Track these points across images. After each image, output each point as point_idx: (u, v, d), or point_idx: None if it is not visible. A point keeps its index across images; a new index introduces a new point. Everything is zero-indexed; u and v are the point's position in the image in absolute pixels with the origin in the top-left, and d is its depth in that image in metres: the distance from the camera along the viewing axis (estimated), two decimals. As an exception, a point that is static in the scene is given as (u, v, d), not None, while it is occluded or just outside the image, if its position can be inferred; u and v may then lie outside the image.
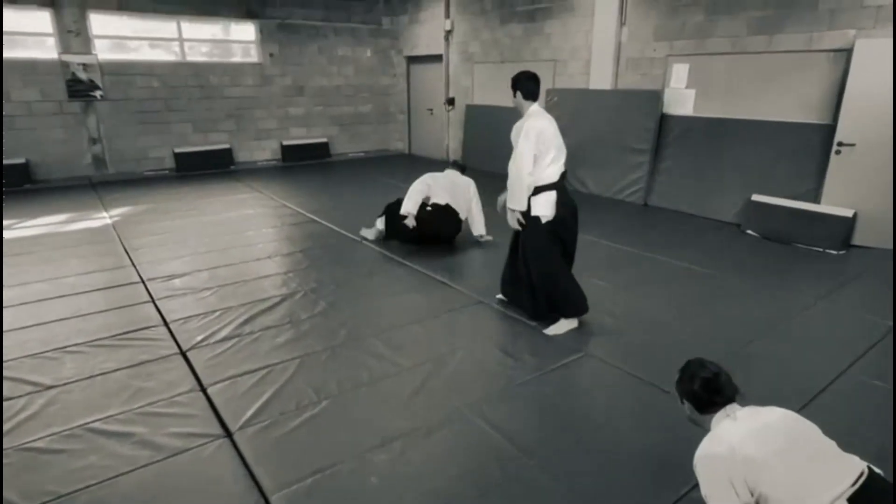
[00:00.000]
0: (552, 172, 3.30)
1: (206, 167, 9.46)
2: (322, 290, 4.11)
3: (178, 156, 9.32)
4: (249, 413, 2.57)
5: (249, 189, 8.00)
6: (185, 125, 9.37)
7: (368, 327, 3.52)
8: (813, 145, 5.45)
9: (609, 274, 4.47)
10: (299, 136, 10.64)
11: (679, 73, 6.53)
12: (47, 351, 3.17)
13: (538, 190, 3.29)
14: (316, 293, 4.06)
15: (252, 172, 9.43)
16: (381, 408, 2.64)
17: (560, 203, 3.31)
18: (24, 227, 5.88)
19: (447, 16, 9.69)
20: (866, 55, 4.87)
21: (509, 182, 3.35)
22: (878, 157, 4.95)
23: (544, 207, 3.30)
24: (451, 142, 10.41)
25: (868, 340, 3.35)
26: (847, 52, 5.12)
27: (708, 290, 4.15)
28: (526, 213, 3.32)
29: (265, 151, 10.34)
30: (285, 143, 10.44)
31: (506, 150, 3.45)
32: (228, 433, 2.44)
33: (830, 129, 5.26)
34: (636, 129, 6.84)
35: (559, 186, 3.32)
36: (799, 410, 2.58)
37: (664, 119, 6.68)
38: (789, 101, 5.64)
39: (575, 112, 7.56)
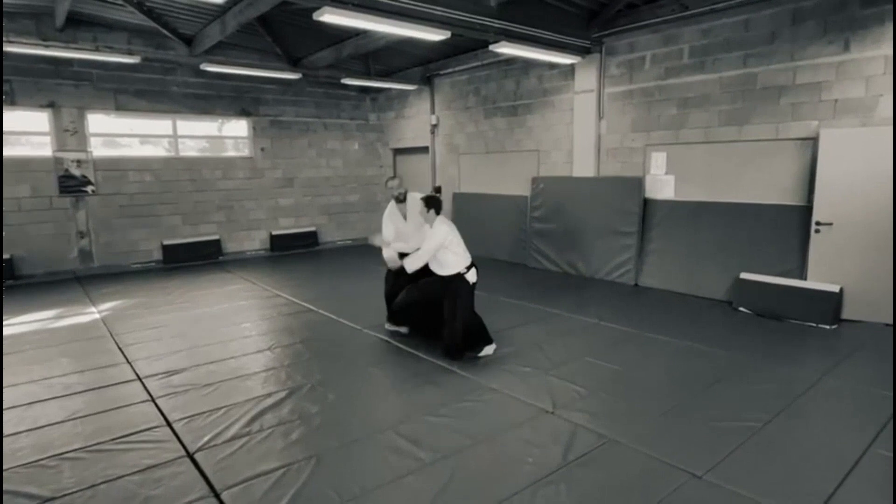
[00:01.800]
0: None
1: (194, 258, 9.43)
2: (329, 383, 4.01)
3: (165, 248, 9.29)
4: (270, 520, 2.42)
5: (240, 280, 7.94)
6: (175, 217, 9.43)
7: (382, 420, 3.41)
8: (793, 225, 5.75)
9: (611, 354, 4.48)
10: (288, 226, 10.77)
11: (657, 160, 6.94)
12: (43, 458, 2.97)
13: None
14: (323, 385, 3.95)
15: (241, 262, 9.42)
16: (409, 508, 2.51)
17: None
18: (8, 325, 5.66)
19: (433, 111, 10.26)
20: (831, 143, 5.29)
21: (418, 255, 4.44)
22: (856, 235, 5.23)
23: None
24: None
25: (882, 414, 3.37)
26: (813, 141, 5.56)
27: (712, 368, 4.18)
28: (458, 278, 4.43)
29: (254, 241, 10.39)
30: (274, 232, 10.53)
31: (492, 234, 3.61)
32: (249, 544, 2.28)
33: (807, 209, 5.59)
34: (621, 213, 7.14)
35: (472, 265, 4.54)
36: (832, 494, 2.56)
37: (647, 203, 7.01)
38: (765, 185, 6.01)
39: (560, 198, 7.89)
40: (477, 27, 6.19)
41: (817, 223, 5.42)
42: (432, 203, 4.43)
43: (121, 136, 9.04)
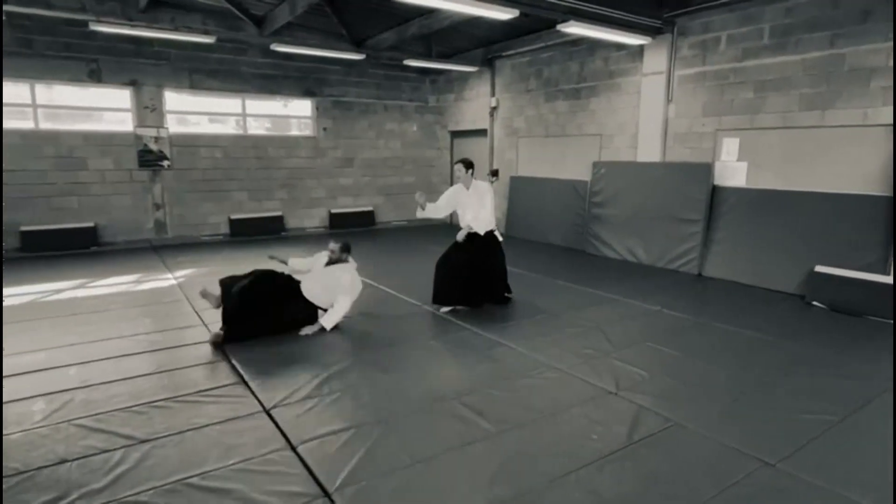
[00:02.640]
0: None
1: (259, 233, 9.82)
2: (392, 353, 4.13)
3: (232, 221, 9.72)
4: (344, 474, 2.53)
5: (303, 254, 8.20)
6: (242, 193, 9.83)
7: (446, 390, 3.49)
8: (877, 216, 5.41)
9: (675, 341, 4.39)
10: (347, 205, 11.03)
11: (729, 146, 6.67)
12: (135, 405, 3.22)
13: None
14: (387, 356, 4.07)
15: (302, 238, 9.74)
16: (476, 474, 2.58)
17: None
18: (96, 287, 6.12)
19: (492, 94, 10.20)
20: (926, 129, 4.93)
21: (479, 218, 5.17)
22: (949, 229, 4.88)
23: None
24: (495, 211, 10.62)
25: (975, 417, 3.17)
26: (905, 127, 5.19)
27: (782, 360, 4.03)
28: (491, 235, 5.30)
29: (314, 219, 10.71)
30: (333, 210, 10.82)
31: (548, 218, 3.59)
32: (326, 493, 2.40)
33: (894, 200, 5.24)
34: (687, 200, 6.92)
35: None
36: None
37: (715, 191, 6.76)
38: (847, 173, 5.67)
39: (623, 184, 7.72)
40: (545, 6, 6.09)
41: (906, 215, 5.09)
42: (470, 165, 5.23)
43: (194, 113, 9.47)
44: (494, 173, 10.43)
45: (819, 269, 5.67)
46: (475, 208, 5.19)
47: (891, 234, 5.28)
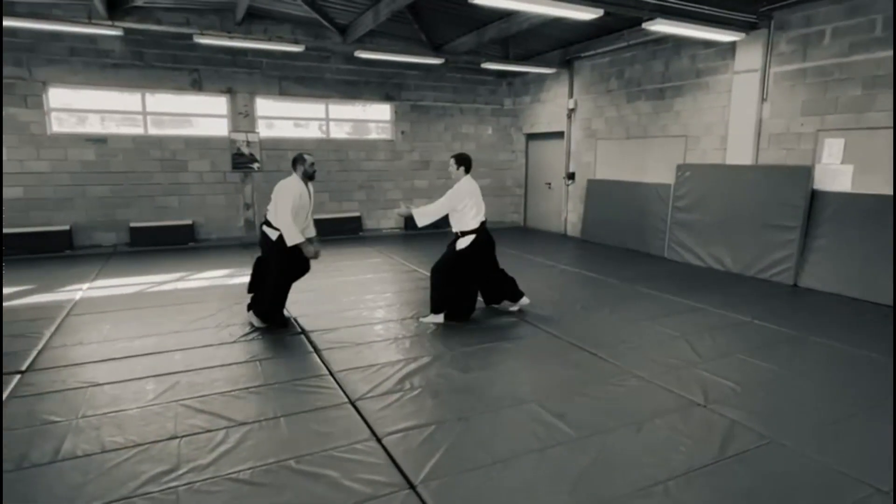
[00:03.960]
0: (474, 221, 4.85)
1: (338, 232, 10.21)
2: (468, 353, 4.17)
3: (314, 221, 10.14)
4: (428, 468, 2.60)
5: (379, 254, 8.47)
6: (324, 195, 10.26)
7: (526, 392, 3.48)
8: None
9: (768, 354, 4.13)
10: (421, 207, 11.22)
11: (832, 148, 6.19)
12: (234, 390, 3.45)
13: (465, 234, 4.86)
14: (464, 355, 4.12)
15: (379, 239, 10.03)
16: (557, 477, 2.55)
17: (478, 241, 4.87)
18: (194, 279, 6.61)
19: (570, 95, 10.04)
20: None
21: (434, 207, 4.85)
22: None
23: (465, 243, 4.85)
24: (570, 215, 10.46)
25: None
26: None
27: (891, 380, 3.68)
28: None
29: (390, 220, 10.99)
30: (408, 212, 11.04)
31: (627, 223, 3.49)
32: (411, 485, 2.47)
33: (894, 200, 4.66)
34: (781, 205, 6.49)
35: (479, 230, 4.89)
36: None
37: (815, 195, 6.29)
38: (974, 178, 5.11)
39: (709, 187, 7.36)
40: (631, 4, 5.95)
41: None
42: (462, 161, 4.93)
43: (282, 118, 10.01)
44: (571, 176, 10.28)
45: (938, 282, 5.14)
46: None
47: None
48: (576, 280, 6.83)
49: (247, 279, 4.98)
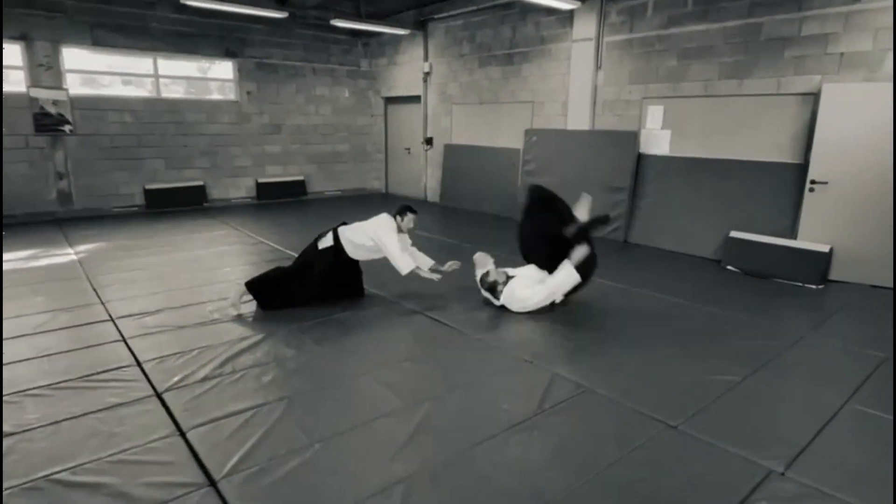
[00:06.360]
0: None
1: (178, 204, 9.22)
2: (305, 328, 3.93)
3: (148, 192, 9.06)
4: (235, 459, 2.36)
5: (224, 226, 7.79)
6: (158, 161, 9.16)
7: (357, 365, 3.35)
8: (787, 183, 5.63)
9: (597, 307, 4.42)
10: (275, 174, 10.52)
11: (654, 114, 6.74)
12: (7, 395, 2.89)
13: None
14: (301, 330, 3.87)
15: (226, 210, 9.23)
16: (379, 450, 2.47)
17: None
18: (-19, 264, 5.53)
19: (426, 59, 9.89)
20: (833, 99, 5.11)
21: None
22: (851, 195, 5.13)
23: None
24: (429, 180, 10.45)
25: (862, 372, 3.35)
26: (814, 96, 5.37)
27: (699, 325, 4.14)
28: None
29: (240, 189, 10.16)
30: (261, 180, 10.29)
31: (484, 187, 3.46)
32: (212, 482, 2.23)
33: (803, 167, 5.46)
34: (614, 168, 6.98)
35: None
36: (807, 445, 2.54)
37: (641, 158, 6.85)
38: (762, 142, 5.85)
39: (553, 151, 7.70)
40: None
41: (812, 182, 5.31)
42: (400, 210, 4.51)
43: (98, 73, 8.65)
44: (429, 141, 10.22)
45: (734, 234, 5.88)
46: None
47: (799, 200, 5.50)
48: (430, 246, 6.80)
49: (55, 260, 4.20)
